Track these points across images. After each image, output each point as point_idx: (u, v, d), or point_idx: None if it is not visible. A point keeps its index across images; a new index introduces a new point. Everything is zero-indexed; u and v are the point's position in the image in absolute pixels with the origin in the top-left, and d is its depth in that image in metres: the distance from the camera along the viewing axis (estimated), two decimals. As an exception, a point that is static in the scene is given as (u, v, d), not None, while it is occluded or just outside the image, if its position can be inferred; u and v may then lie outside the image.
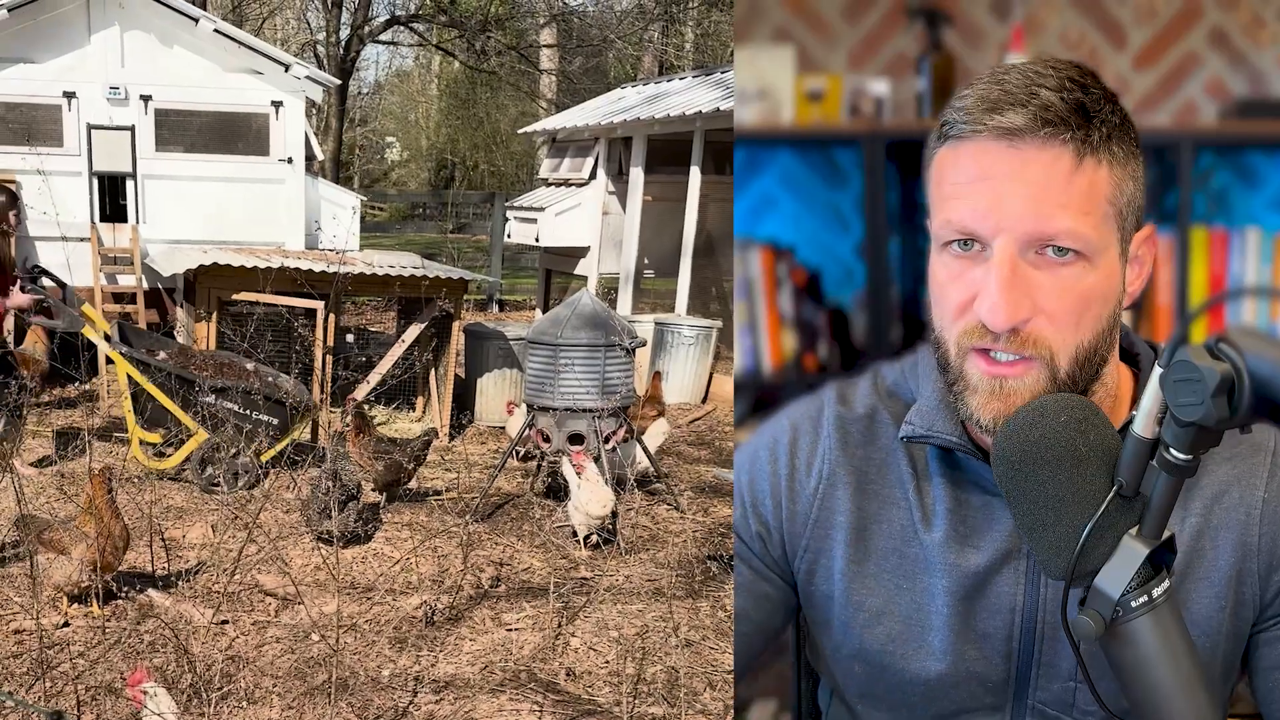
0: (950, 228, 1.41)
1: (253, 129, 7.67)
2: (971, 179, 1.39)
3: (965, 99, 1.41)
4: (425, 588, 3.87)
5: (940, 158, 1.45)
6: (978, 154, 1.39)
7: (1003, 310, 1.37)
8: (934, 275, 1.48)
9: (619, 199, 9.35)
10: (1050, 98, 1.35)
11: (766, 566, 1.72)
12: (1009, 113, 1.36)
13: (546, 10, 20.39)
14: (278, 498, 4.86)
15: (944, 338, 1.47)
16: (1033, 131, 1.35)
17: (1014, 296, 1.36)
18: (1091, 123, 1.36)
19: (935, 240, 1.46)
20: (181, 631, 3.35)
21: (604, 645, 3.49)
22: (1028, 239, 1.37)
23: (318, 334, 5.88)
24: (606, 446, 4.78)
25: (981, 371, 1.43)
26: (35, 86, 7.24)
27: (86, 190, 7.38)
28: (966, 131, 1.39)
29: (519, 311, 12.34)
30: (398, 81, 32.27)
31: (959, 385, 1.46)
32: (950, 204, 1.42)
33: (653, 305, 9.84)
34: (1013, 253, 1.37)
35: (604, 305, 5.05)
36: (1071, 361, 1.41)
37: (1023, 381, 1.41)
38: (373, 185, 27.41)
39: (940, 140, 1.45)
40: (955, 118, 1.41)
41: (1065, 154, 1.36)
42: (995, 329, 1.38)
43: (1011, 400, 1.41)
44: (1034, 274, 1.38)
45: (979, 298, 1.39)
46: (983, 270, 1.39)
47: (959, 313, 1.43)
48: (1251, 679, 1.59)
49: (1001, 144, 1.37)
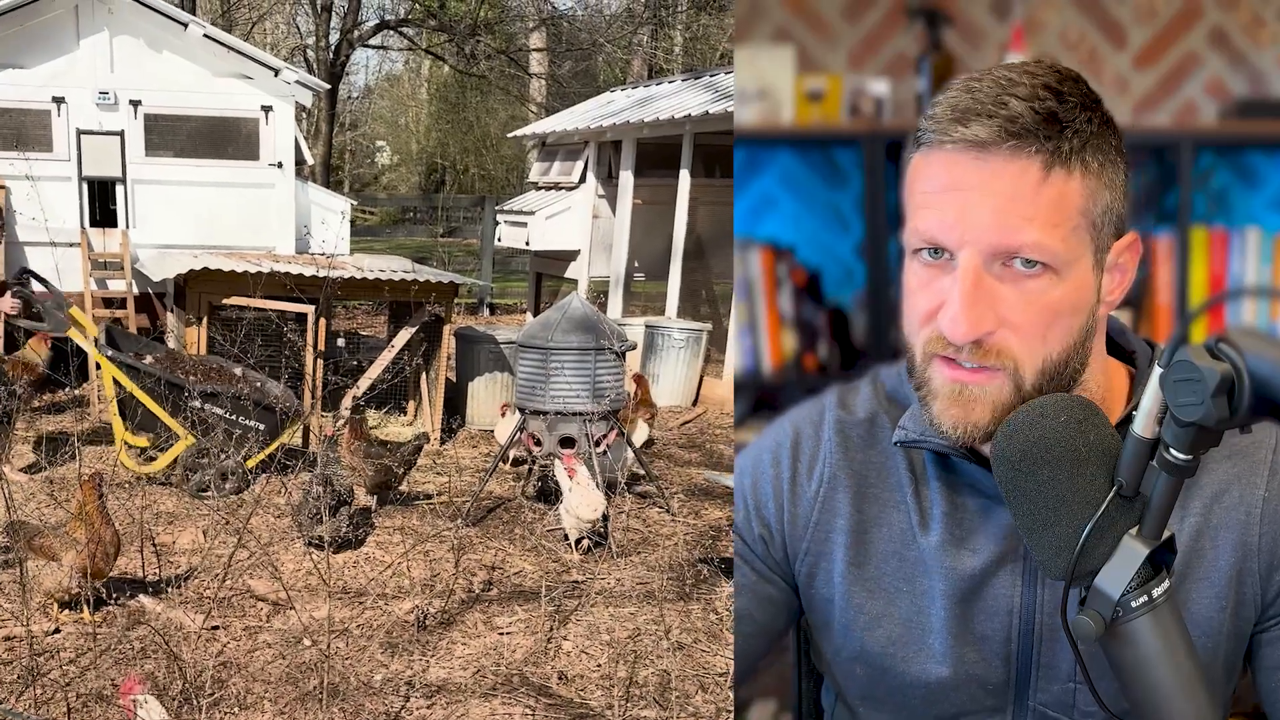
0: (918, 236, 1.41)
1: (242, 134, 7.66)
2: (940, 189, 1.38)
3: (936, 106, 1.40)
4: (417, 592, 3.87)
5: (914, 165, 1.44)
6: (947, 164, 1.38)
7: (963, 323, 1.36)
8: (905, 282, 1.47)
9: (609, 202, 9.36)
10: (1019, 108, 1.33)
11: (769, 569, 1.73)
12: (975, 124, 1.34)
13: (535, 14, 20.40)
14: (269, 502, 4.85)
15: (911, 343, 1.47)
16: (999, 143, 1.33)
17: (976, 310, 1.36)
18: (1063, 133, 1.34)
19: (906, 247, 1.46)
20: (172, 638, 3.35)
21: (596, 649, 3.50)
22: (993, 251, 1.35)
23: (309, 338, 5.88)
24: (598, 449, 4.79)
25: (944, 377, 1.42)
26: (24, 92, 7.23)
27: (76, 195, 7.37)
28: (936, 141, 1.38)
29: (510, 315, 12.34)
30: (387, 85, 32.24)
31: (923, 391, 1.46)
32: (919, 213, 1.41)
33: (643, 308, 9.85)
34: (977, 264, 1.36)
35: (594, 309, 5.06)
36: (1038, 374, 1.40)
37: (984, 389, 1.40)
38: (363, 189, 27.41)
39: (915, 147, 1.44)
40: (926, 126, 1.40)
41: (1033, 165, 1.34)
42: (955, 340, 1.38)
43: (971, 407, 1.41)
44: (999, 286, 1.36)
45: (943, 309, 1.39)
46: (950, 280, 1.39)
47: (925, 320, 1.43)
48: (1255, 679, 1.58)
49: (969, 155, 1.35)
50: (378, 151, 32.23)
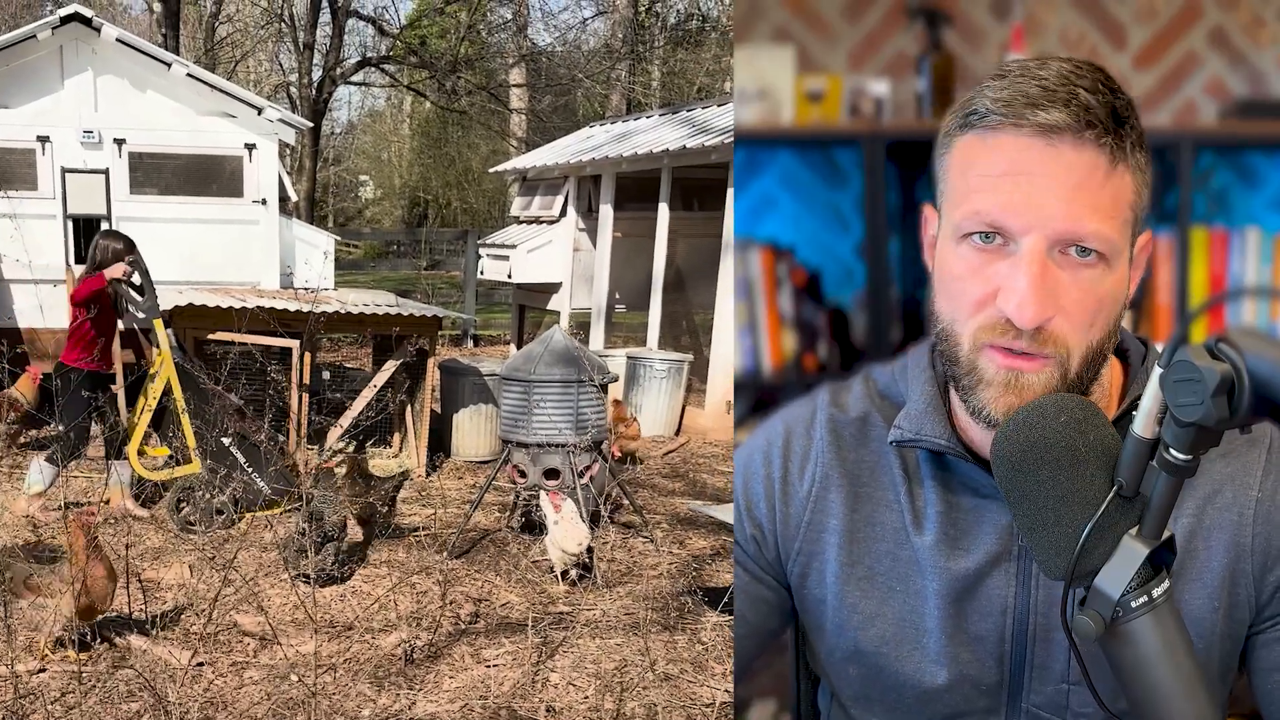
0: (977, 219, 1.39)
1: (226, 171, 7.71)
2: (1003, 172, 1.37)
3: (1001, 90, 1.38)
4: (404, 625, 3.89)
5: (965, 146, 1.42)
6: (1011, 148, 1.37)
7: (1031, 308, 1.35)
8: (948, 267, 1.44)
9: (589, 235, 9.45)
10: (1089, 99, 1.35)
11: (762, 569, 1.72)
12: (1051, 110, 1.34)
13: (515, 51, 20.59)
14: (255, 537, 4.86)
15: (956, 331, 1.45)
16: (1074, 131, 1.34)
17: (1042, 295, 1.35)
18: (1123, 127, 1.36)
19: (954, 231, 1.43)
20: (158, 677, 3.35)
21: (583, 681, 3.52)
22: (1058, 238, 1.36)
23: (293, 373, 5.91)
24: (582, 481, 4.83)
25: (998, 365, 1.41)
26: (9, 131, 7.27)
27: (61, 233, 7.39)
28: (1001, 123, 1.37)
29: (494, 346, 12.37)
30: (370, 121, 32.39)
31: (970, 379, 1.44)
32: (977, 195, 1.40)
33: (625, 339, 9.91)
34: (1042, 250, 1.36)
35: (576, 342, 5.11)
36: (1082, 361, 1.41)
37: (1038, 376, 1.40)
38: (347, 223, 27.46)
39: (965, 128, 1.42)
40: (990, 108, 1.38)
41: (1101, 157, 1.35)
42: (1023, 326, 1.37)
43: (1025, 394, 1.40)
44: (1059, 273, 1.37)
45: (1003, 293, 1.38)
46: (1007, 265, 1.38)
47: (977, 307, 1.41)
48: (1251, 681, 1.57)
49: (1039, 140, 1.35)
50: (361, 186, 32.32)
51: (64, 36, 7.25)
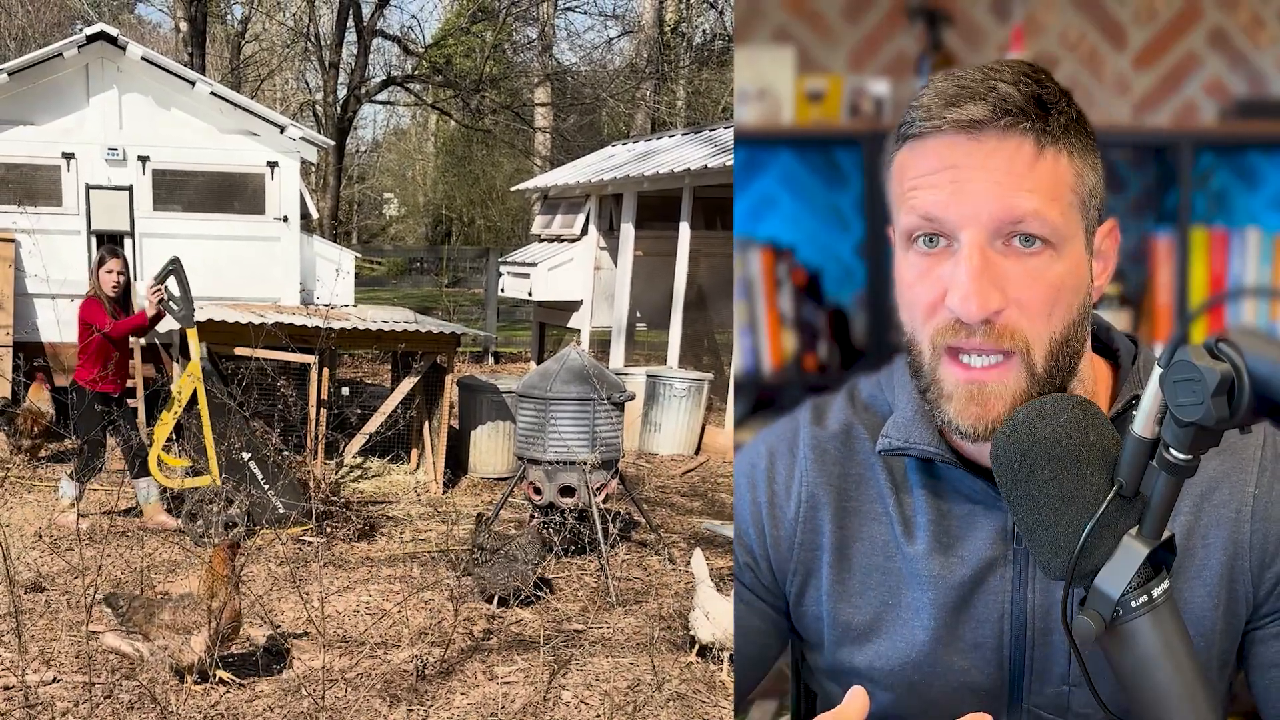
0: (915, 217, 1.41)
1: (249, 189, 7.77)
2: (933, 170, 1.40)
3: (922, 98, 1.42)
4: (416, 640, 3.87)
5: (900, 159, 1.46)
6: (939, 148, 1.40)
7: (974, 299, 1.36)
8: (901, 277, 1.47)
9: (610, 254, 9.45)
10: (1007, 90, 1.37)
11: (757, 596, 1.71)
12: (968, 105, 1.37)
13: (540, 70, 20.71)
14: (269, 551, 4.86)
15: (917, 339, 1.46)
16: (993, 122, 1.36)
17: (984, 285, 1.36)
18: (1049, 113, 1.38)
19: (900, 240, 1.46)
20: (165, 690, 3.34)
21: (595, 699, 3.48)
22: (995, 226, 1.37)
23: (311, 389, 5.92)
24: (598, 498, 4.80)
25: (957, 378, 1.42)
26: (35, 148, 7.35)
27: (85, 249, 7.46)
28: (926, 128, 1.40)
29: (514, 364, 12.38)
30: (395, 139, 32.66)
31: (933, 391, 1.45)
32: (913, 195, 1.42)
33: (645, 357, 9.90)
34: (981, 242, 1.37)
35: (593, 360, 5.10)
36: (1046, 355, 1.40)
37: (1003, 384, 1.40)
38: (370, 240, 27.65)
39: (899, 142, 1.46)
40: (914, 116, 1.42)
41: (1026, 143, 1.37)
42: (968, 319, 1.37)
43: (991, 404, 1.40)
44: (1003, 263, 1.37)
45: (949, 291, 1.38)
46: (951, 264, 1.39)
47: (930, 311, 1.42)
48: (1248, 677, 1.57)
49: (962, 137, 1.38)
50: (385, 203, 32.56)
51: (90, 55, 7.34)
